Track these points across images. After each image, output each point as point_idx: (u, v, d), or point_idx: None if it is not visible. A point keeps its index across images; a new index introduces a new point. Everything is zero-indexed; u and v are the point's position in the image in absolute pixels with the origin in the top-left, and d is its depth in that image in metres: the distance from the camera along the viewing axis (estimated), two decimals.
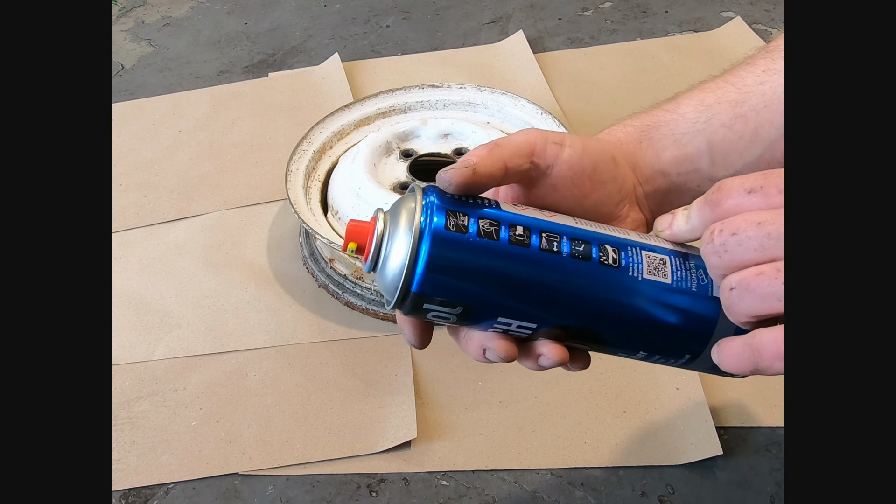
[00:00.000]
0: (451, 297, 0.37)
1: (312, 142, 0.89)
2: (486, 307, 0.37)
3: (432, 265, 0.36)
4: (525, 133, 0.41)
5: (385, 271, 0.37)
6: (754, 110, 0.44)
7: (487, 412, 0.69)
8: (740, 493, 0.62)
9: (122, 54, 1.25)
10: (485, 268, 0.36)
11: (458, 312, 0.37)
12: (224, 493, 0.65)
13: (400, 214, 0.37)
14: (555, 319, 0.38)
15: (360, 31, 1.27)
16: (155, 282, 0.84)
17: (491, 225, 0.36)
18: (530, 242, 0.36)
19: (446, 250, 0.36)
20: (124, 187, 0.96)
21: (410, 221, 0.36)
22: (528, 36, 1.18)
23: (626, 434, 0.67)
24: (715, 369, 0.39)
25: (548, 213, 0.39)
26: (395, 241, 0.37)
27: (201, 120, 1.07)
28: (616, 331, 0.38)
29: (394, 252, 0.37)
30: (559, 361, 0.38)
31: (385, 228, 0.37)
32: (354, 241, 0.38)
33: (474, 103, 0.93)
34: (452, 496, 0.64)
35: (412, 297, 0.37)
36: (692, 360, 0.39)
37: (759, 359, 0.34)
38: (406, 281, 0.36)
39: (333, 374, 0.73)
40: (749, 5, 1.25)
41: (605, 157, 0.42)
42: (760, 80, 0.45)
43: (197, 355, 0.76)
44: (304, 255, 0.85)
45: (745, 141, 0.44)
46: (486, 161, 0.38)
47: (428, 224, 0.36)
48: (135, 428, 0.70)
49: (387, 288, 0.37)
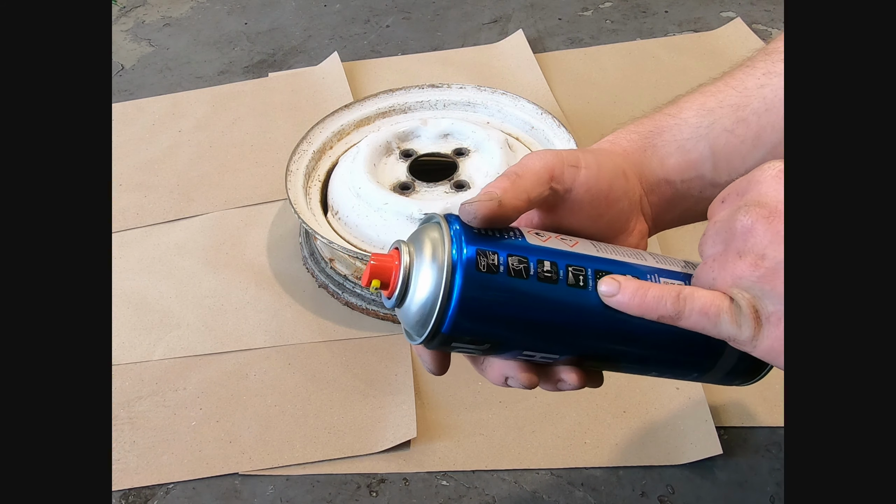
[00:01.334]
0: (481, 335, 0.36)
1: (312, 142, 0.89)
2: (514, 343, 0.37)
3: (465, 307, 0.35)
4: (541, 158, 0.40)
5: (412, 308, 0.36)
6: (756, 114, 0.44)
7: (487, 412, 0.69)
8: (740, 493, 0.62)
9: (122, 54, 1.25)
10: (515, 307, 0.36)
11: (485, 348, 0.37)
12: (224, 493, 0.65)
13: (425, 248, 0.36)
14: (579, 349, 0.38)
15: (360, 31, 1.27)
16: (155, 282, 0.84)
17: (520, 262, 0.36)
18: (558, 278, 0.36)
19: (479, 292, 0.35)
20: (124, 187, 0.96)
21: (439, 257, 0.35)
22: (528, 36, 1.18)
23: (626, 434, 0.67)
24: (724, 380, 0.40)
25: (570, 241, 0.39)
26: (422, 278, 0.36)
27: (201, 120, 1.07)
28: (635, 354, 0.39)
29: (421, 289, 0.36)
30: (578, 387, 0.40)
31: (411, 262, 0.36)
32: (378, 278, 0.37)
33: (474, 103, 0.93)
34: (452, 496, 0.64)
35: (441, 337, 0.36)
36: (701, 377, 0.41)
37: (682, 308, 0.35)
38: (437, 322, 0.35)
39: (333, 374, 0.73)
40: (749, 5, 1.25)
41: (618, 173, 0.42)
42: (761, 84, 0.45)
43: (197, 355, 0.76)
44: (304, 255, 0.85)
45: (747, 145, 0.44)
46: (511, 193, 0.38)
47: (459, 261, 0.35)
48: (135, 428, 0.70)
49: (414, 325, 0.37)
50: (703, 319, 0.35)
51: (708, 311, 0.35)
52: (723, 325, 0.34)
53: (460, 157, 0.84)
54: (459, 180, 0.81)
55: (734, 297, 0.34)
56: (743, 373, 0.40)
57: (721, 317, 0.34)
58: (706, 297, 0.35)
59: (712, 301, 0.35)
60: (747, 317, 0.34)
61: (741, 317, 0.34)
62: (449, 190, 0.80)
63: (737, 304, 0.34)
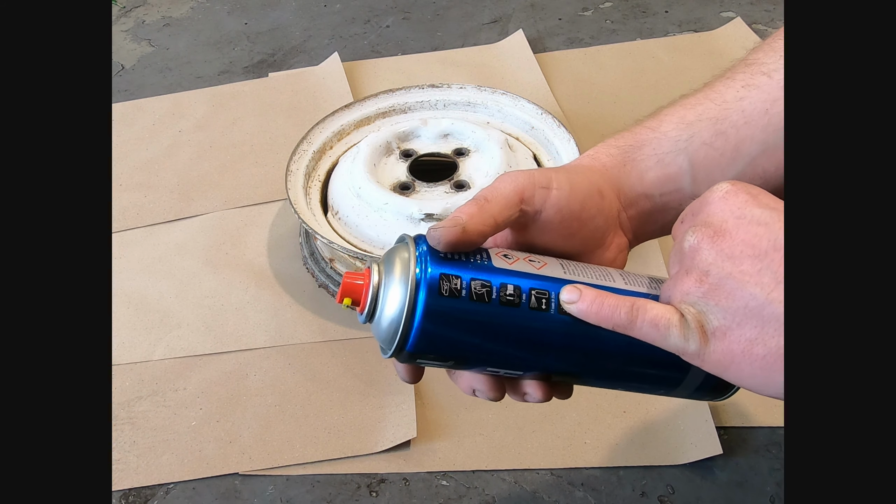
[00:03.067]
0: (443, 353, 0.38)
1: (312, 142, 0.89)
2: (477, 361, 0.39)
3: (426, 329, 0.37)
4: (512, 179, 0.41)
5: (381, 325, 0.38)
6: (734, 127, 0.44)
7: (487, 412, 0.69)
8: (740, 493, 0.62)
9: (122, 54, 1.25)
10: (476, 329, 0.38)
11: (450, 364, 0.39)
12: (224, 493, 0.65)
13: (394, 268, 0.38)
14: (541, 368, 0.40)
15: (360, 31, 1.27)
16: (155, 282, 0.84)
17: (483, 286, 0.37)
18: (521, 302, 0.38)
19: (440, 314, 0.37)
20: (124, 187, 0.96)
21: (405, 279, 0.37)
22: (528, 36, 1.18)
23: (626, 434, 0.67)
24: (694, 396, 0.41)
25: (538, 263, 0.39)
26: (389, 297, 0.38)
27: (201, 120, 1.07)
28: (599, 372, 0.41)
29: (388, 307, 0.38)
30: (543, 400, 0.41)
31: (380, 282, 0.38)
32: (349, 297, 0.39)
33: (474, 103, 0.93)
34: (452, 496, 0.64)
35: (406, 354, 0.38)
36: (669, 392, 0.42)
37: (634, 318, 0.36)
38: (401, 340, 0.37)
39: (333, 374, 0.73)
40: (749, 5, 1.25)
41: (592, 192, 0.43)
42: (740, 96, 0.45)
43: (197, 355, 0.76)
44: (304, 255, 0.85)
45: (726, 158, 0.44)
46: (476, 219, 0.39)
47: (423, 284, 0.37)
48: (135, 428, 0.70)
49: (382, 340, 0.39)
50: (653, 331, 0.36)
51: (658, 323, 0.36)
52: (671, 337, 0.36)
53: (460, 157, 0.84)
54: (459, 180, 0.81)
55: (683, 312, 0.36)
56: (712, 389, 0.41)
57: (670, 329, 0.36)
58: (657, 310, 0.36)
59: (663, 314, 0.36)
60: (694, 331, 0.35)
61: (688, 331, 0.35)
62: (449, 190, 0.80)
63: (685, 319, 0.35)
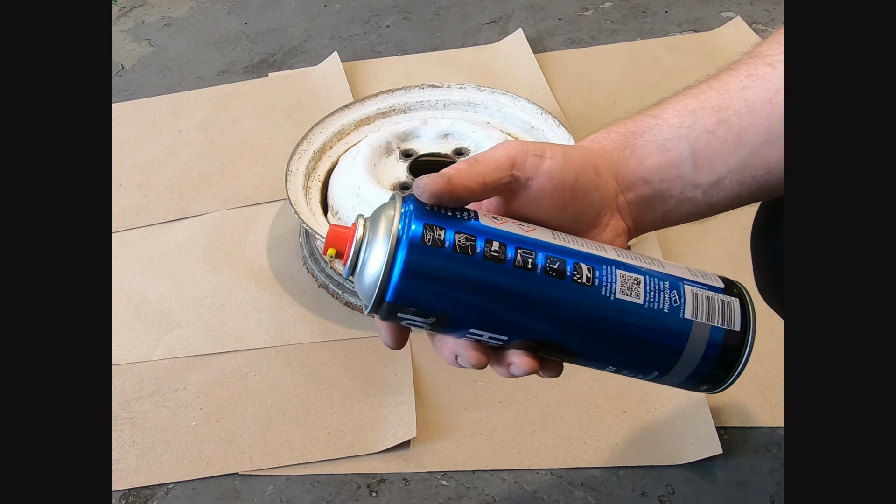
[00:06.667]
0: (424, 308, 0.37)
1: (312, 142, 0.89)
2: (459, 319, 0.38)
3: (406, 277, 0.36)
4: (506, 146, 0.41)
5: (363, 277, 0.37)
6: (737, 115, 0.44)
7: (487, 412, 0.69)
8: (740, 493, 0.62)
9: (122, 54, 1.25)
10: (458, 282, 0.37)
11: (431, 322, 0.38)
12: (224, 493, 0.65)
13: (379, 222, 0.37)
14: (526, 333, 0.38)
15: (360, 31, 1.27)
16: (155, 282, 0.84)
17: (467, 240, 0.37)
18: (505, 258, 0.37)
19: (421, 263, 0.36)
20: (124, 187, 0.96)
21: (388, 230, 0.37)
22: (528, 36, 1.18)
23: (626, 434, 0.67)
24: (686, 384, 0.40)
25: (527, 227, 0.39)
26: (372, 249, 0.37)
27: (201, 120, 1.07)
28: (586, 346, 0.39)
29: (371, 259, 0.37)
30: (529, 371, 0.39)
31: (364, 235, 0.38)
32: (334, 247, 0.38)
33: (474, 103, 0.93)
34: (452, 496, 0.64)
35: (386, 306, 0.37)
36: (660, 377, 0.40)
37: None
38: (381, 289, 0.36)
39: (333, 374, 0.73)
40: (749, 5, 1.25)
41: (587, 166, 0.43)
42: (744, 86, 0.45)
43: (197, 355, 0.76)
44: (304, 255, 0.85)
45: (728, 146, 0.44)
46: (464, 174, 0.39)
47: (405, 233, 0.36)
48: (135, 428, 0.70)
49: (363, 293, 0.38)
50: None
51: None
52: None
53: (460, 157, 0.84)
54: None
55: None
56: (706, 378, 0.40)
57: None
58: None
59: None
60: None
61: None
62: None
63: None
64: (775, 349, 0.71)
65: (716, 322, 0.38)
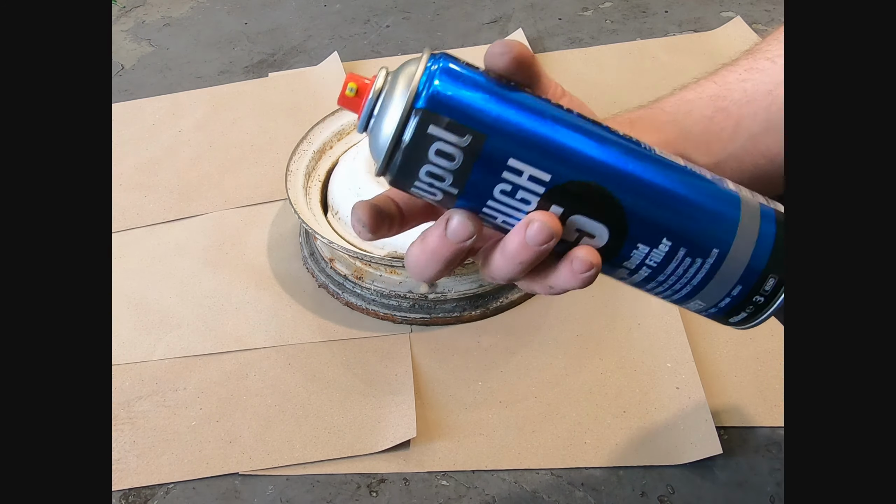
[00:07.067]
0: (464, 115, 0.33)
1: (312, 142, 0.88)
2: (501, 141, 0.33)
3: (445, 74, 0.33)
4: None
5: (393, 90, 0.33)
6: (736, 104, 0.44)
7: (487, 412, 0.69)
8: (740, 493, 0.62)
9: (122, 54, 1.25)
10: (506, 98, 0.33)
11: (468, 142, 0.33)
12: (224, 493, 0.65)
13: (406, 67, 0.34)
14: (574, 172, 0.34)
15: (360, 31, 1.27)
16: (155, 282, 0.84)
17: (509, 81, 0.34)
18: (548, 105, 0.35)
19: (460, 72, 0.33)
20: (124, 187, 0.96)
21: (418, 61, 0.34)
22: (528, 36, 1.18)
23: (626, 434, 0.67)
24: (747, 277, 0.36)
25: None
26: (402, 73, 0.34)
27: (201, 120, 1.07)
28: (638, 202, 0.35)
29: (401, 78, 0.33)
30: (593, 263, 0.35)
31: (385, 83, 0.34)
32: (355, 83, 0.34)
33: None
34: (452, 496, 0.64)
35: (416, 122, 0.32)
36: (721, 258, 0.35)
37: None
38: (412, 96, 0.32)
39: (333, 374, 0.73)
40: (749, 5, 1.25)
41: None
42: (742, 78, 0.45)
43: (197, 355, 0.76)
44: (304, 255, 0.85)
45: (727, 132, 0.44)
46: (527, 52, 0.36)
47: (440, 59, 0.33)
48: (135, 428, 0.70)
49: (379, 144, 0.34)
50: None
51: None
52: None
53: None
54: None
55: None
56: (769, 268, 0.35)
57: None
58: None
59: None
60: None
61: None
62: None
63: None
64: (775, 349, 0.71)
65: (762, 200, 0.37)
